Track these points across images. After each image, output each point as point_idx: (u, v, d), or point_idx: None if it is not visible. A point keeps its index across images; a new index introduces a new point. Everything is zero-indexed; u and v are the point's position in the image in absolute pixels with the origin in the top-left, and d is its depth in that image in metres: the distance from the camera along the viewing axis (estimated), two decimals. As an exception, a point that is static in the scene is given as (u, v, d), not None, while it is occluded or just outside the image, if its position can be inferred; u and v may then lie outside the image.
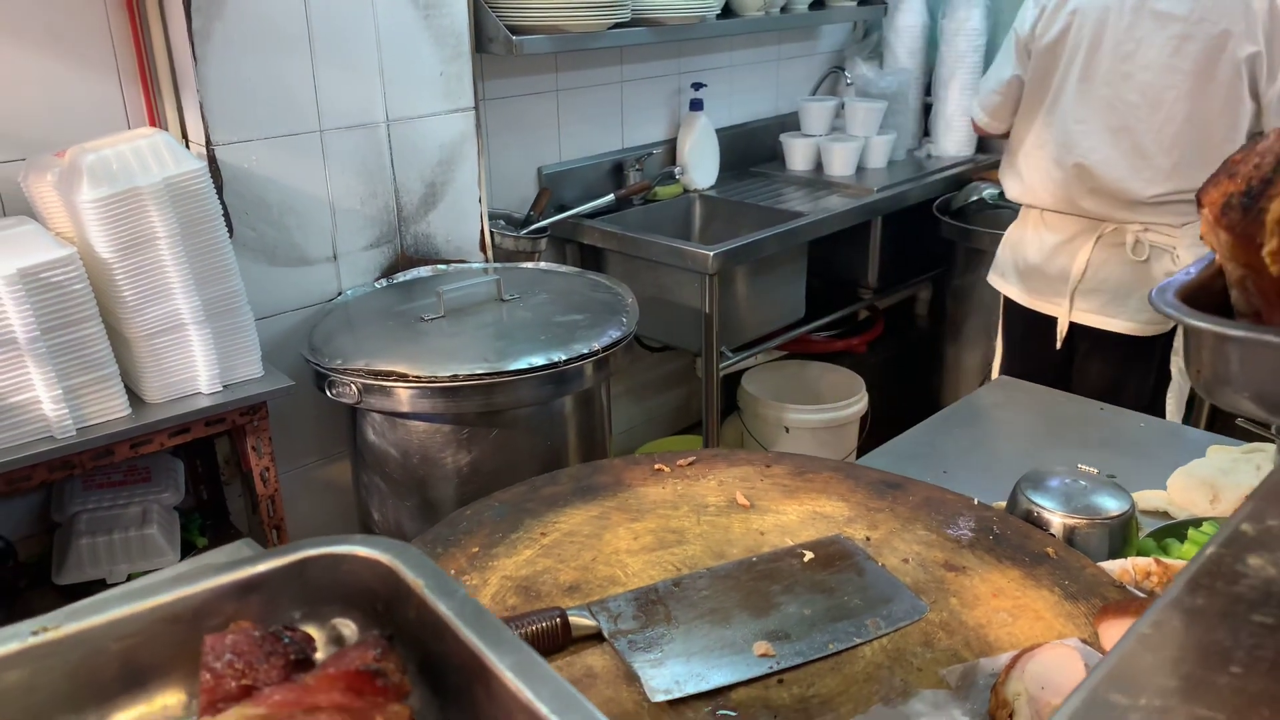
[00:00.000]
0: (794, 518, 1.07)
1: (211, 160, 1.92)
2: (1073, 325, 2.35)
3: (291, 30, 1.97)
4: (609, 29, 2.48)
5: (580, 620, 0.85)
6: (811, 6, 3.24)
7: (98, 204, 1.55)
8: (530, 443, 1.95)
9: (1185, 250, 2.15)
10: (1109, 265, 2.24)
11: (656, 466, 1.17)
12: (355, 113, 2.12)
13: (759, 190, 3.14)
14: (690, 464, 1.18)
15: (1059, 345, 2.38)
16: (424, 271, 2.29)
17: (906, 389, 3.50)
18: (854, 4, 3.34)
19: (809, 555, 0.99)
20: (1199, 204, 0.53)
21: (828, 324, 3.18)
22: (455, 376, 1.75)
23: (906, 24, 3.42)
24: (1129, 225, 2.20)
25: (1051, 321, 2.38)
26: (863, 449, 3.15)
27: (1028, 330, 2.48)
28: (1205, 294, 0.51)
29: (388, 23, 2.12)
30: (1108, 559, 1.08)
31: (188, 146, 1.96)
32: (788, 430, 3.03)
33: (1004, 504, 1.18)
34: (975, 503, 1.10)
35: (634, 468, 1.17)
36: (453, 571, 0.98)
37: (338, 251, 2.16)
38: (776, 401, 3.04)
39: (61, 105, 1.84)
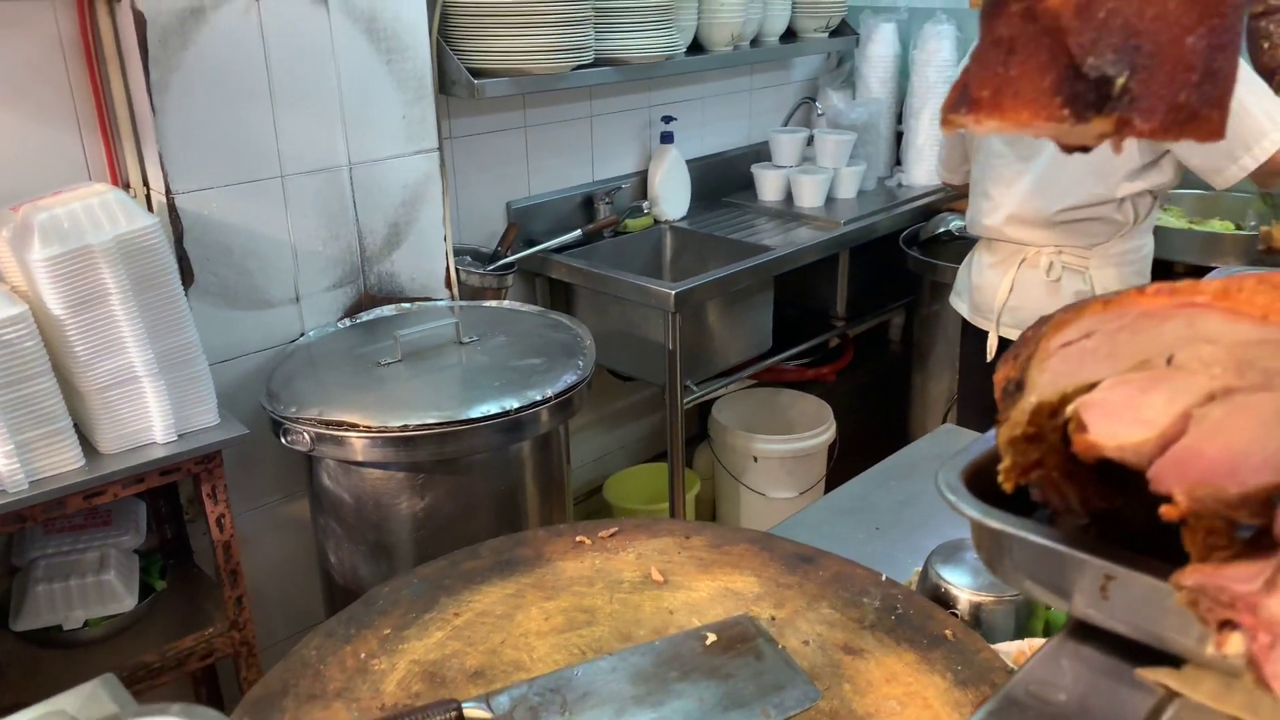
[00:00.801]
0: (705, 594, 1.10)
1: (172, 209, 1.95)
2: (1004, 340, 2.47)
3: (251, 79, 2.00)
4: (574, 69, 2.51)
5: (475, 713, 0.88)
6: (783, 38, 3.28)
7: (49, 263, 1.58)
8: (487, 487, 1.97)
9: (1097, 270, 2.31)
10: (1028, 286, 2.39)
11: (578, 539, 1.20)
12: (317, 157, 2.15)
13: (730, 222, 3.17)
14: (612, 535, 1.21)
15: (989, 358, 2.49)
16: (387, 311, 2.32)
17: (875, 417, 3.53)
18: (825, 35, 3.38)
19: (711, 638, 1.01)
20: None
21: (798, 353, 3.21)
22: (406, 427, 1.78)
23: (878, 54, 3.45)
24: (1044, 249, 2.35)
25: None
26: (831, 476, 3.18)
27: (975, 346, 2.59)
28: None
29: (349, 69, 2.15)
30: (1014, 636, 1.11)
31: (148, 196, 1.99)
32: (756, 460, 3.07)
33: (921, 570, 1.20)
34: (883, 579, 1.13)
35: (556, 540, 1.20)
36: (363, 655, 1.00)
37: (300, 293, 2.19)
38: (745, 431, 3.07)
39: (22, 157, 1.87)
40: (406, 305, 2.34)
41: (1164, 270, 2.66)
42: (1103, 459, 0.45)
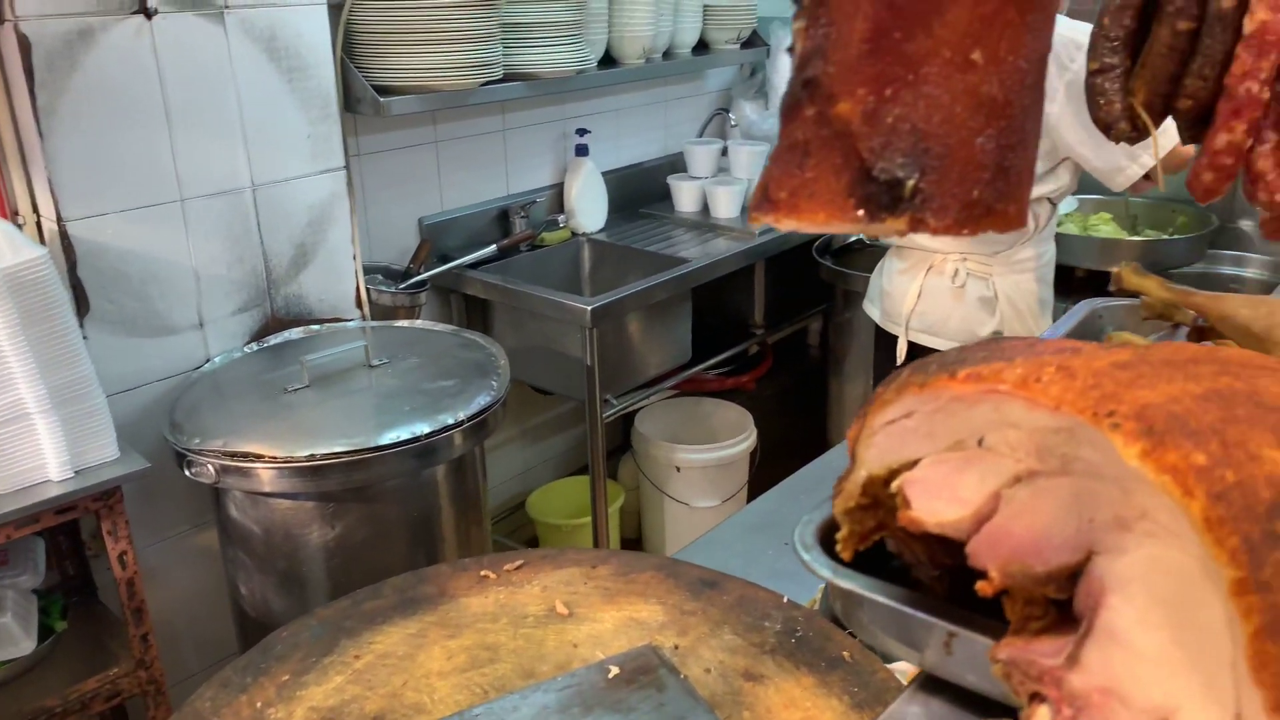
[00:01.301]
0: (609, 626, 1.10)
1: (64, 236, 1.89)
2: (914, 344, 2.53)
3: (146, 101, 1.95)
4: (483, 85, 2.49)
5: (371, 763, 0.87)
6: (695, 50, 3.30)
7: (-72, 299, 1.51)
8: (401, 514, 1.95)
9: (1000, 277, 2.39)
10: (935, 292, 2.45)
11: (483, 573, 1.19)
12: (218, 179, 2.10)
13: (647, 233, 3.18)
14: (518, 568, 1.20)
15: (899, 362, 2.54)
16: (296, 334, 2.27)
17: (796, 422, 3.58)
18: (736, 47, 3.41)
19: (614, 671, 1.02)
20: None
21: (718, 362, 3.24)
22: (314, 456, 1.75)
23: (789, 65, 3.49)
24: (950, 255, 2.41)
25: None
26: (753, 483, 3.22)
27: (887, 351, 2.64)
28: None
29: (250, 88, 2.10)
30: (911, 651, 1.13)
31: (39, 224, 1.92)
32: (678, 470, 3.08)
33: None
34: (785, 600, 1.15)
35: (460, 575, 1.19)
36: (259, 704, 0.98)
37: (204, 318, 2.14)
38: (667, 442, 3.08)
39: (-101, 185, 1.79)
40: (315, 328, 2.30)
41: (1065, 275, 2.75)
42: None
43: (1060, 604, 0.46)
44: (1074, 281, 2.83)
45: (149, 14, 1.92)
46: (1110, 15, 0.65)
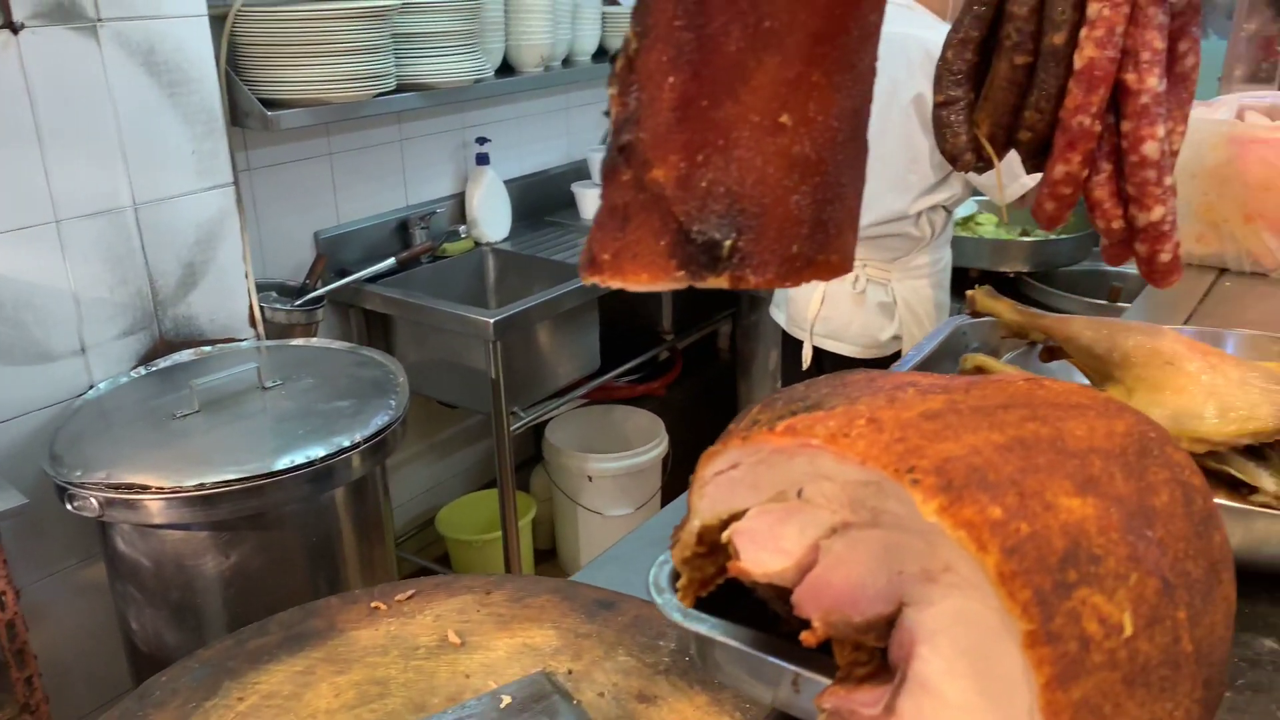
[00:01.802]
0: (503, 654, 1.09)
1: (-74, 262, 1.79)
2: (819, 349, 2.58)
3: (14, 119, 1.86)
4: (376, 96, 2.45)
5: (249, 814, 0.84)
6: (595, 57, 3.30)
7: None
8: (299, 540, 1.90)
9: (899, 283, 2.45)
10: (837, 298, 2.50)
11: (373, 604, 1.17)
12: (96, 199, 2.02)
13: (553, 241, 3.16)
14: (409, 598, 1.18)
15: (805, 366, 2.59)
16: (186, 356, 2.20)
17: (707, 426, 3.59)
18: (637, 53, 3.42)
19: (507, 700, 1.00)
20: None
21: (628, 369, 3.24)
22: (203, 485, 1.69)
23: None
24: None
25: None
26: (666, 489, 3.23)
27: (795, 355, 2.68)
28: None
29: (128, 104, 2.03)
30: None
31: (-103, 249, 1.82)
32: (591, 479, 3.07)
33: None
34: (681, 619, 1.15)
35: (350, 608, 1.16)
36: (134, 757, 0.94)
37: (85, 343, 2.05)
38: (578, 451, 3.07)
39: None
40: (207, 349, 2.23)
41: (960, 276, 2.82)
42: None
43: (885, 650, 0.46)
44: (969, 283, 2.90)
45: (15, 29, 1.83)
46: (953, 49, 0.67)
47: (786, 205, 0.45)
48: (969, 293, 0.93)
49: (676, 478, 3.20)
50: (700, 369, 3.73)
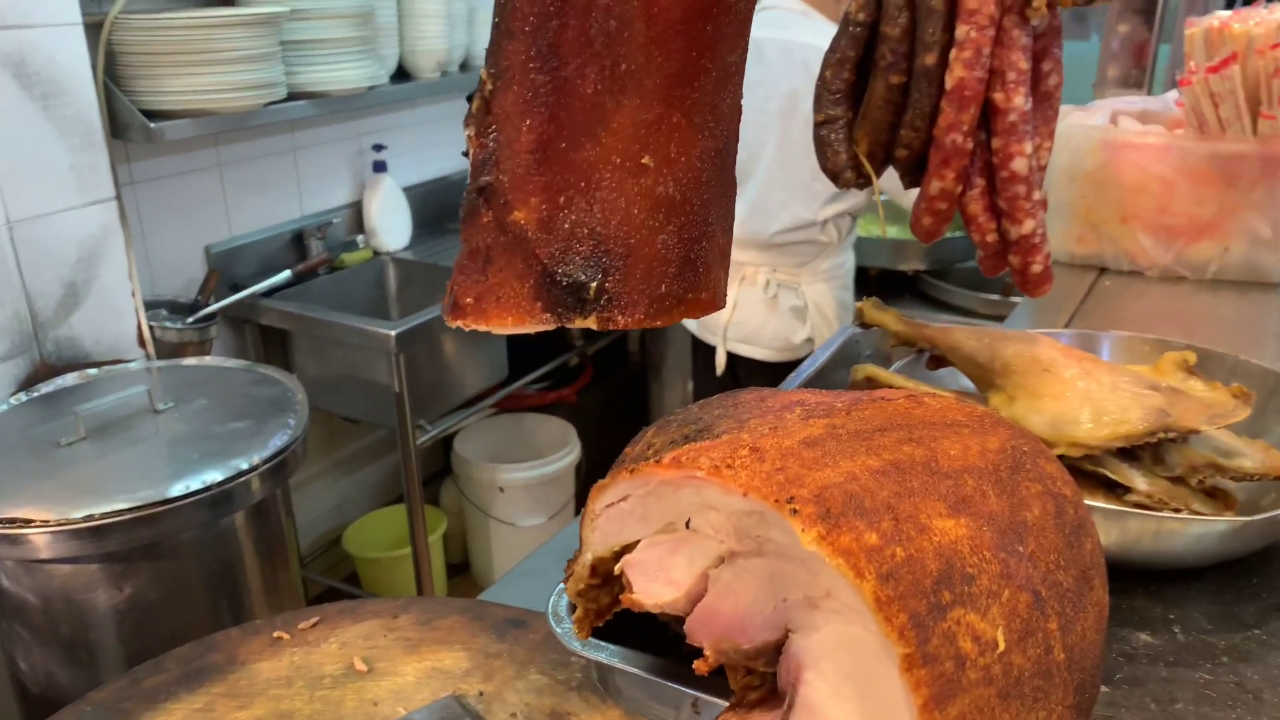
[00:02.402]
0: (411, 679, 1.07)
1: None
2: (732, 354, 2.61)
3: None
4: (266, 106, 2.38)
5: None
6: (493, 62, 3.27)
7: None
8: (198, 568, 1.83)
9: (808, 286, 2.51)
10: (750, 303, 2.54)
11: (276, 634, 1.13)
12: (-35, 218, 1.91)
13: (455, 250, 3.10)
14: (314, 626, 1.15)
15: (719, 372, 2.63)
16: (70, 380, 2.10)
17: (619, 431, 3.60)
18: (535, 59, 3.40)
19: (417, 727, 0.99)
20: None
21: (538, 376, 3.21)
22: (92, 516, 1.62)
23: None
24: (761, 268, 2.51)
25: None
26: (580, 497, 3.22)
27: (706, 360, 2.70)
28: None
29: (-3, 118, 1.93)
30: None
31: None
32: (502, 490, 3.04)
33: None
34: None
35: (251, 640, 1.13)
36: (19, 813, 0.90)
37: (-42, 371, 1.94)
38: (489, 462, 3.04)
39: None
40: (93, 371, 2.13)
41: (861, 276, 2.88)
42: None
43: (776, 675, 0.47)
44: (869, 283, 2.98)
45: None
46: (831, 69, 0.68)
47: (653, 245, 0.45)
48: (857, 305, 0.95)
49: (590, 484, 3.18)
50: (611, 374, 3.73)
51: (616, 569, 0.49)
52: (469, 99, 0.49)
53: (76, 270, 2.11)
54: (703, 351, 2.73)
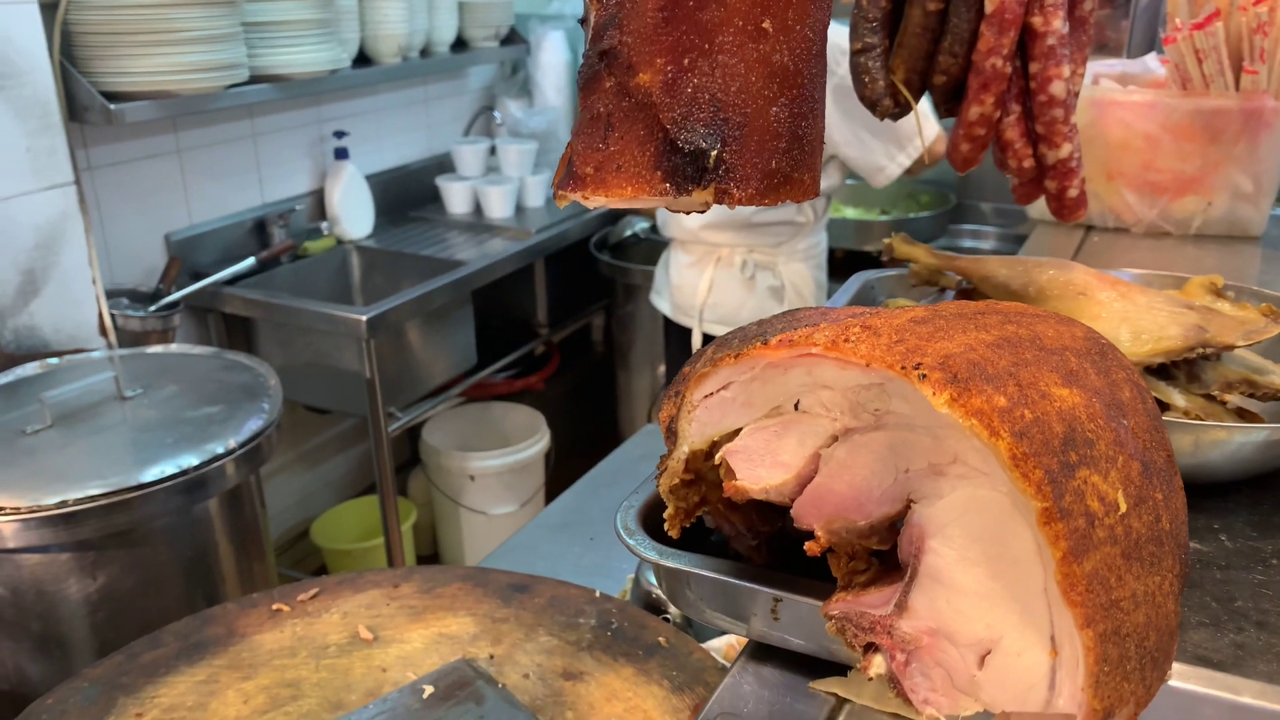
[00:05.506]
0: (418, 645, 1.05)
1: None
2: (708, 336, 2.59)
3: None
4: (227, 88, 2.33)
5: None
6: (454, 47, 3.23)
7: None
8: (172, 555, 1.79)
9: (784, 265, 2.51)
10: (726, 284, 2.53)
11: (275, 606, 1.11)
12: (-82, 202, 1.84)
13: (419, 237, 3.09)
14: (313, 597, 1.13)
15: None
16: (30, 369, 2.04)
17: (588, 418, 3.60)
18: (496, 44, 3.37)
19: (429, 690, 0.97)
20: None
21: (505, 365, 3.19)
22: (64, 503, 1.57)
23: (550, 62, 3.50)
24: (738, 249, 2.50)
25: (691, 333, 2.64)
26: (551, 484, 3.20)
27: (680, 342, 2.70)
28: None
29: (-50, 97, 1.86)
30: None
31: None
32: (473, 478, 3.02)
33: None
34: (597, 595, 1.14)
35: (250, 612, 1.10)
36: (22, 788, 0.87)
37: (-86, 361, 1.88)
38: (458, 451, 3.01)
39: None
40: (54, 360, 2.07)
41: (829, 256, 2.90)
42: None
43: (883, 556, 0.47)
44: (836, 262, 3.00)
45: None
46: (868, -4, 0.68)
47: (767, 117, 0.45)
48: (885, 240, 0.95)
49: (561, 471, 3.17)
50: (577, 362, 3.72)
51: (716, 459, 0.48)
52: (587, -39, 0.48)
53: (34, 257, 2.05)
54: (676, 334, 2.72)
